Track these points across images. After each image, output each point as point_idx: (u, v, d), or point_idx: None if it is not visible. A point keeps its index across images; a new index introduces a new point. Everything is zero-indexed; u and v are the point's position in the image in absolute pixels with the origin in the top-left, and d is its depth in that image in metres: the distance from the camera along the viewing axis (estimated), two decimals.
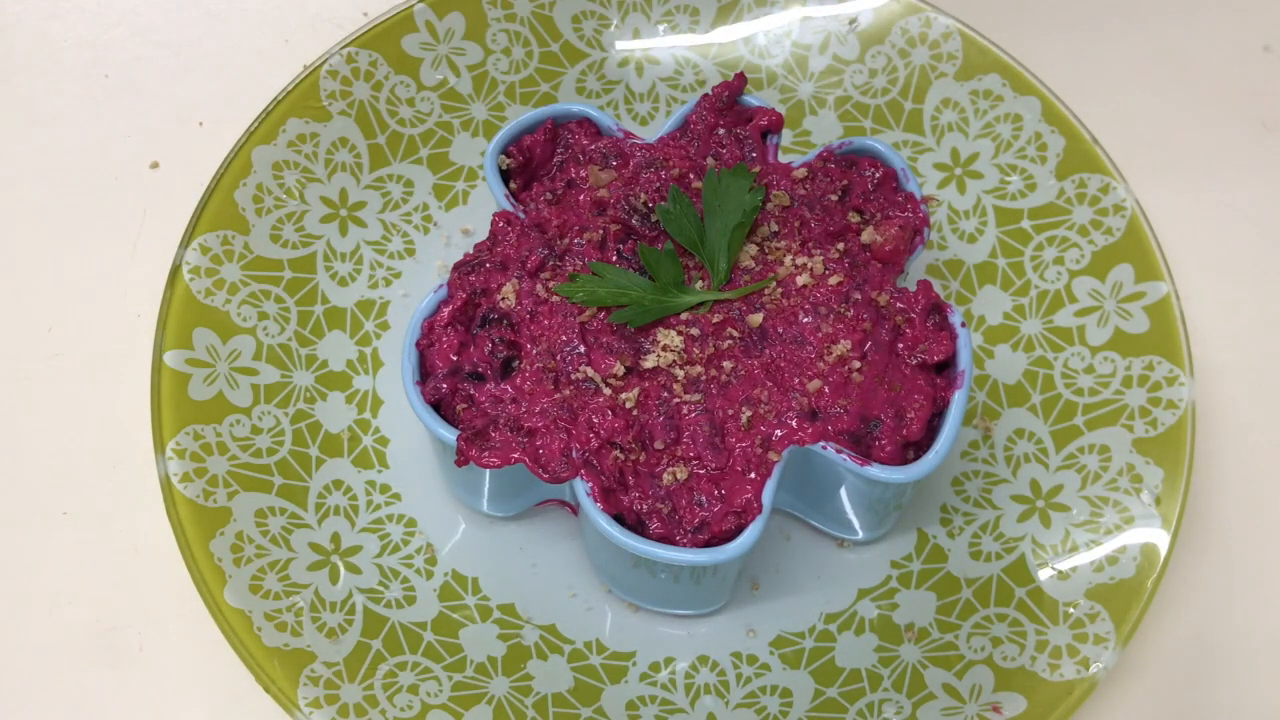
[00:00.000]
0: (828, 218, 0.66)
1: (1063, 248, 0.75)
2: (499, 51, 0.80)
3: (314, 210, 0.75)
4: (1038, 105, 0.77)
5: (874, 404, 0.61)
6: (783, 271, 0.65)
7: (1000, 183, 0.77)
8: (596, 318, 0.63)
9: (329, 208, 0.76)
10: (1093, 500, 0.68)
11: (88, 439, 0.74)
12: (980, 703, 0.63)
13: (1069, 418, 0.71)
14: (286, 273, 0.73)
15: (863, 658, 0.66)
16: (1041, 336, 0.74)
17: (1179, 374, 0.69)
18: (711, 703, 0.65)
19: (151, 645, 0.69)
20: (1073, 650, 0.63)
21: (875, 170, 0.69)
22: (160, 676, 0.68)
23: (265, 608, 0.63)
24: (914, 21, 0.80)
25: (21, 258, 0.80)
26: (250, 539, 0.65)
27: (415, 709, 0.62)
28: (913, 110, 0.80)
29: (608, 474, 0.59)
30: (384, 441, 0.72)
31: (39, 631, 0.69)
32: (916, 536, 0.70)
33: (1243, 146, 0.86)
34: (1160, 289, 0.71)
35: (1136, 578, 0.64)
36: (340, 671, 0.62)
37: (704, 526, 0.59)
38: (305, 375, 0.72)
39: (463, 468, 0.61)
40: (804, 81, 0.81)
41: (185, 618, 0.68)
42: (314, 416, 0.71)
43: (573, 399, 0.61)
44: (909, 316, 0.64)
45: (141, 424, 0.70)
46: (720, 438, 0.61)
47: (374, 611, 0.66)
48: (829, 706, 0.64)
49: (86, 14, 0.89)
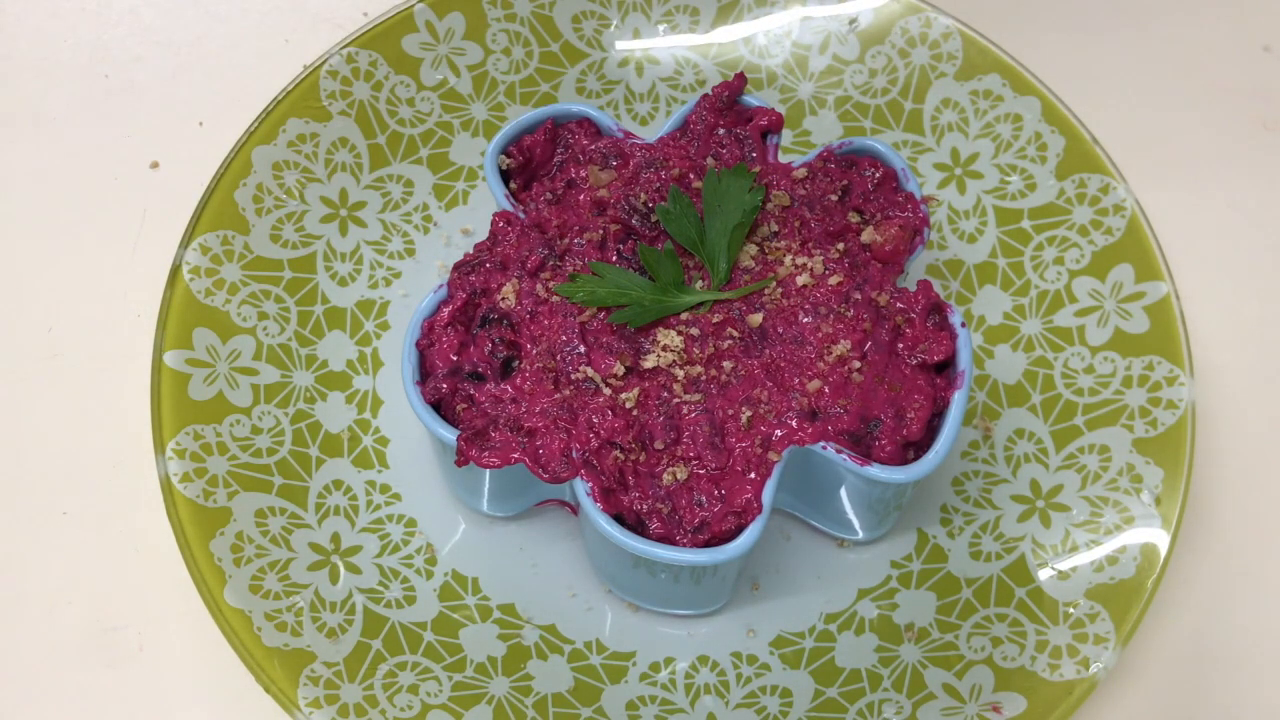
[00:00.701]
0: (828, 218, 0.67)
1: (1063, 248, 0.75)
2: (499, 51, 0.81)
3: (314, 210, 0.75)
4: (1038, 105, 0.77)
5: (874, 404, 0.61)
6: (783, 271, 0.65)
7: (1000, 183, 0.77)
8: (596, 318, 0.63)
9: (329, 208, 0.76)
10: (1093, 500, 0.68)
11: (88, 439, 0.74)
12: (980, 703, 0.63)
13: (1069, 418, 0.71)
14: (286, 273, 0.73)
15: (863, 658, 0.66)
16: (1041, 336, 0.74)
17: (1179, 374, 0.69)
18: (711, 703, 0.65)
19: (151, 645, 0.69)
20: (1073, 650, 0.63)
21: (875, 170, 0.69)
22: (160, 676, 0.68)
23: (265, 608, 0.63)
24: (914, 21, 0.80)
25: (21, 258, 0.80)
26: (250, 539, 0.65)
27: (415, 709, 0.62)
28: (913, 110, 0.80)
29: (608, 474, 0.59)
30: (384, 441, 0.72)
31: (39, 631, 0.69)
32: (916, 536, 0.70)
33: (1243, 146, 0.86)
34: (1160, 289, 0.71)
35: (1136, 578, 0.64)
36: (340, 671, 0.62)
37: (704, 526, 0.59)
38: (305, 375, 0.72)
39: (463, 468, 0.61)
40: (804, 81, 0.81)
41: (185, 618, 0.68)
42: (314, 416, 0.71)
43: (573, 399, 0.61)
44: (909, 317, 0.64)
45: (141, 424, 0.70)
46: (720, 438, 0.61)
47: (374, 611, 0.66)
48: (829, 706, 0.64)
49: (86, 14, 0.89)
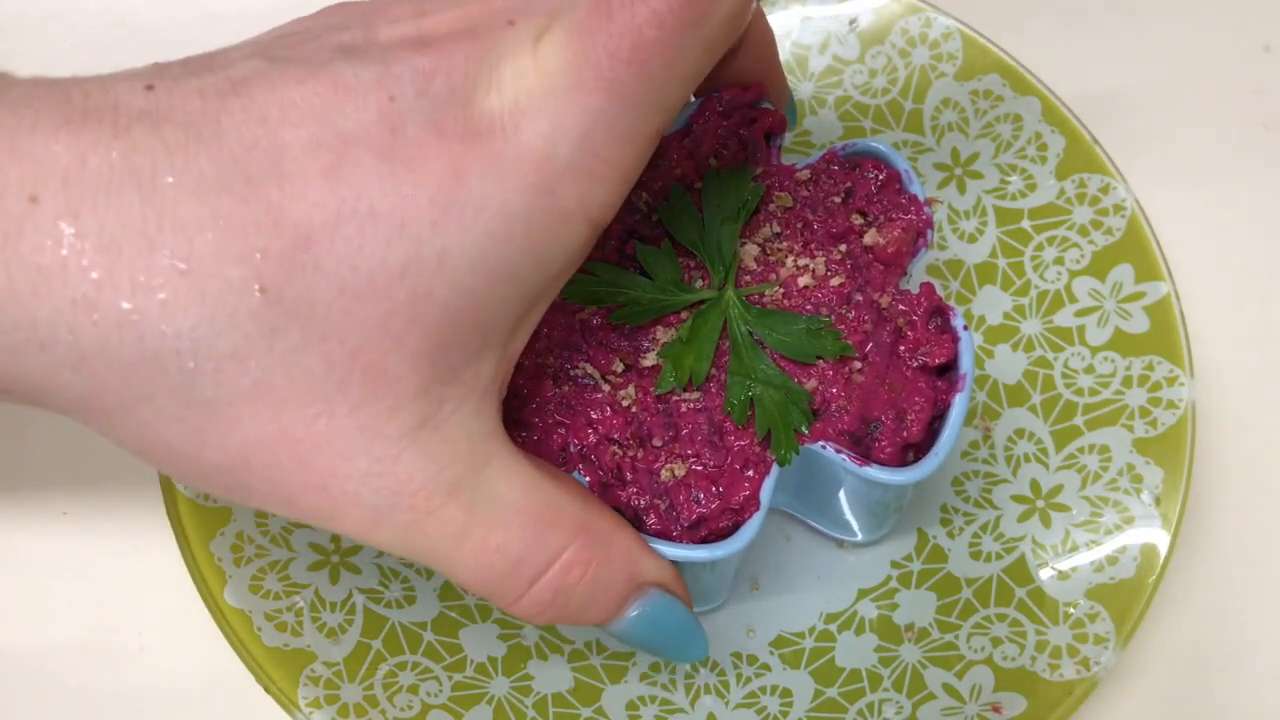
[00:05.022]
0: (830, 219, 0.67)
1: (1063, 248, 0.75)
2: None
3: None
4: (1038, 105, 0.77)
5: (874, 405, 0.61)
6: (785, 273, 0.65)
7: (1000, 183, 0.77)
8: (596, 315, 0.63)
9: None
10: (1093, 500, 0.68)
11: (88, 439, 0.73)
12: (980, 703, 0.63)
13: (1069, 418, 0.71)
14: None
15: (863, 658, 0.66)
16: (1041, 336, 0.74)
17: (1179, 374, 0.69)
18: (711, 703, 0.65)
19: (151, 645, 0.69)
20: (1073, 650, 0.63)
21: (879, 173, 0.69)
22: (160, 676, 0.68)
23: (265, 608, 0.63)
24: (914, 21, 0.80)
25: None
26: (250, 539, 0.65)
27: (415, 709, 0.62)
28: (913, 110, 0.80)
29: (605, 469, 0.59)
30: None
31: (39, 631, 0.69)
32: (916, 536, 0.70)
33: (1243, 146, 0.86)
34: (1160, 289, 0.71)
35: (1136, 578, 0.64)
36: (340, 671, 0.62)
37: (700, 523, 0.59)
38: None
39: None
40: (804, 81, 0.81)
41: (185, 618, 0.68)
42: None
43: (572, 395, 0.61)
44: (910, 319, 0.64)
45: None
46: (719, 436, 0.61)
47: (374, 611, 0.66)
48: (829, 706, 0.64)
49: (86, 14, 0.89)
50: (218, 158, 0.42)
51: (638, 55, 0.44)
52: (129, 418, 0.43)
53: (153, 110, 0.42)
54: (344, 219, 0.42)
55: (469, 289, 0.45)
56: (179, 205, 0.41)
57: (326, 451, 0.44)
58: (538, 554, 0.49)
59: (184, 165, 0.41)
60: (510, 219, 0.44)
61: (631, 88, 0.44)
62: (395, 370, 0.44)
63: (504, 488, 0.49)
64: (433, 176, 0.43)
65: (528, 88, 0.44)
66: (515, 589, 0.49)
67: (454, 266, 0.44)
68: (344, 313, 0.43)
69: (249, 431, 0.43)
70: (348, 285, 0.43)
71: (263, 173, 0.42)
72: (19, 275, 0.40)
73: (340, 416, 0.44)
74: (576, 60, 0.44)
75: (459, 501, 0.47)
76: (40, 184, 0.40)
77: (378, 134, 0.43)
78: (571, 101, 0.44)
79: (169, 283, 0.41)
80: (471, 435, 0.48)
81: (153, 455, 0.45)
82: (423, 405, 0.46)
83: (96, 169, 0.41)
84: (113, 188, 0.40)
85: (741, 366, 0.61)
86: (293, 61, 0.45)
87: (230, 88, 0.44)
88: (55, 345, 0.41)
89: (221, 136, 0.42)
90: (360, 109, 0.43)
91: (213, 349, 0.42)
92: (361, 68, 0.44)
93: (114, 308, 0.40)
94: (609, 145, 0.45)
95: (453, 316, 0.45)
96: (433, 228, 0.43)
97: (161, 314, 0.41)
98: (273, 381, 0.43)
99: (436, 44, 0.45)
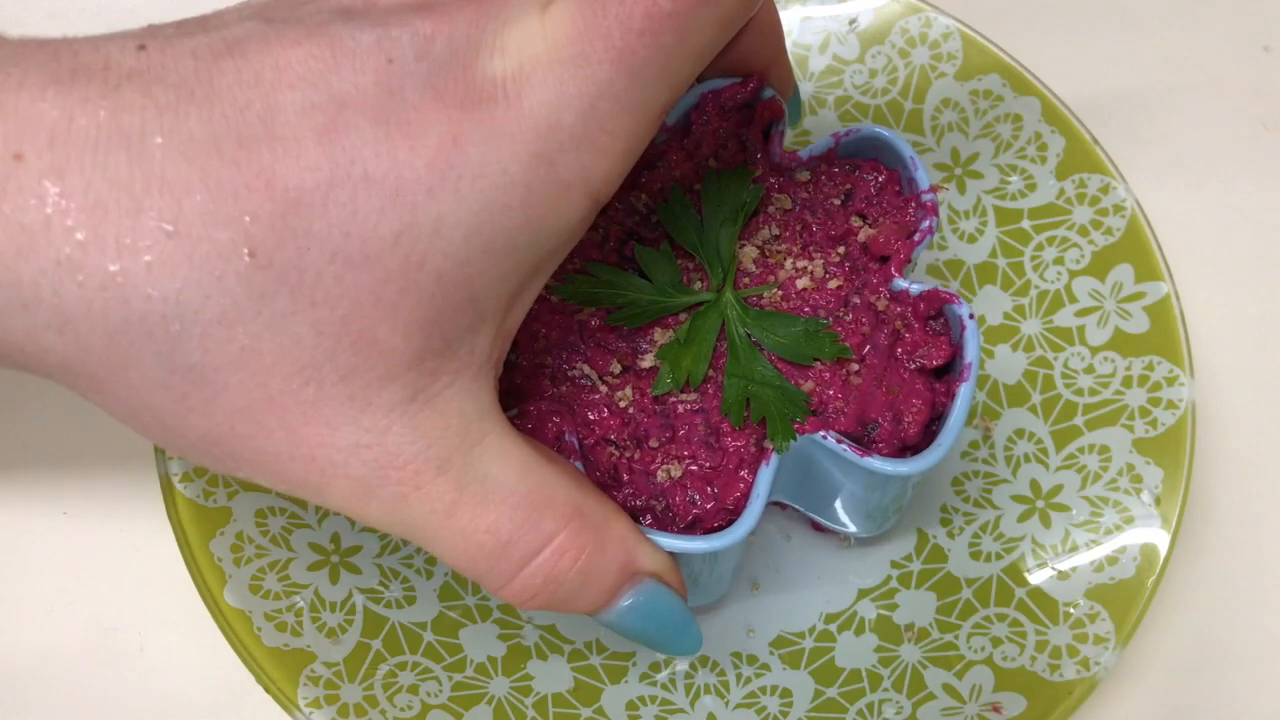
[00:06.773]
0: (830, 222, 0.66)
1: (1063, 248, 0.75)
2: None
3: None
4: (1038, 105, 0.77)
5: (872, 407, 0.61)
6: (783, 275, 0.65)
7: (1000, 183, 0.77)
8: (595, 316, 0.63)
9: None
10: (1093, 500, 0.68)
11: (88, 439, 0.74)
12: (980, 703, 0.63)
13: (1069, 418, 0.71)
14: None
15: (863, 658, 0.66)
16: (1041, 337, 0.74)
17: (1179, 374, 0.69)
18: (711, 703, 0.65)
19: (151, 645, 0.69)
20: (1073, 650, 0.63)
21: (878, 175, 0.68)
22: (160, 676, 0.68)
23: (265, 608, 0.63)
24: (914, 21, 0.80)
25: None
26: (250, 539, 0.65)
27: (415, 709, 0.62)
28: (913, 110, 0.80)
29: (602, 470, 0.59)
30: None
31: (39, 631, 0.69)
32: (916, 536, 0.70)
33: (1243, 146, 0.86)
34: (1160, 289, 0.71)
35: (1136, 578, 0.64)
36: (340, 671, 0.62)
37: (697, 523, 0.59)
38: None
39: None
40: (804, 81, 0.81)
41: (185, 618, 0.68)
42: None
43: (569, 395, 0.61)
44: (908, 321, 0.64)
45: None
46: (715, 437, 0.61)
47: (374, 611, 0.66)
48: (829, 706, 0.64)
49: (86, 14, 0.89)
50: (209, 119, 0.41)
51: (650, 25, 0.42)
52: (114, 382, 0.42)
53: (144, 70, 0.41)
54: (337, 183, 0.41)
55: (464, 259, 0.43)
56: (167, 166, 0.40)
57: (314, 421, 0.43)
58: (529, 537, 0.48)
59: (174, 126, 0.40)
60: (509, 188, 0.43)
61: (642, 59, 0.43)
62: (387, 340, 0.43)
63: (497, 467, 0.47)
64: (430, 142, 0.42)
65: (533, 54, 0.42)
66: (505, 572, 0.48)
67: (449, 235, 0.42)
68: (335, 279, 0.42)
69: (236, 398, 0.42)
70: (339, 251, 0.41)
71: (255, 135, 0.41)
72: (2, 234, 0.38)
73: (329, 385, 0.43)
74: (586, 28, 0.42)
75: (449, 478, 0.46)
76: (26, 142, 0.39)
77: (374, 97, 0.42)
78: (578, 70, 0.42)
79: (155, 245, 0.39)
80: (465, 411, 0.46)
81: (138, 422, 0.44)
82: (415, 378, 0.44)
83: (84, 128, 0.39)
84: (100, 147, 0.39)
85: (739, 368, 0.61)
86: (290, 23, 0.44)
87: (225, 48, 0.42)
88: (39, 306, 0.40)
89: (214, 97, 0.41)
90: (357, 71, 0.42)
91: (199, 313, 0.40)
92: (360, 30, 0.43)
93: (99, 269, 0.39)
94: (615, 117, 0.44)
95: (447, 287, 0.43)
96: (428, 195, 0.42)
97: (147, 277, 0.40)
98: (260, 348, 0.42)
99: (439, 7, 0.44)
